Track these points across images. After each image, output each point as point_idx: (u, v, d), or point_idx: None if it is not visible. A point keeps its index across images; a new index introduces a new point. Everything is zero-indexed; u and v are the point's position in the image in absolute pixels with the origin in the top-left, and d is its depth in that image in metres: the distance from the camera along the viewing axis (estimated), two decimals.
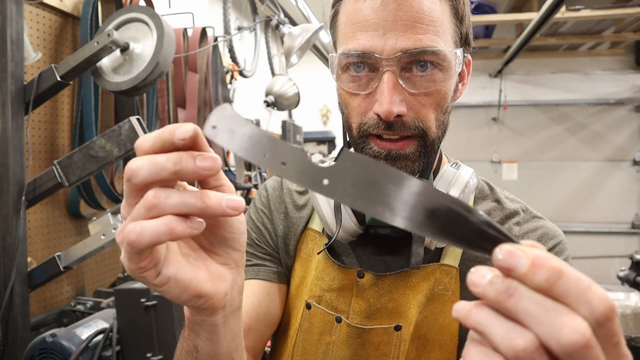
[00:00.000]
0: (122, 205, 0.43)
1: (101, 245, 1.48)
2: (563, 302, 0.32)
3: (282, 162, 0.39)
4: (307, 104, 4.93)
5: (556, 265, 0.32)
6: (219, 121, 0.41)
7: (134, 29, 1.58)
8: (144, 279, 0.43)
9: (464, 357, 0.35)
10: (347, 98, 0.72)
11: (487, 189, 0.84)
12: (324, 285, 0.80)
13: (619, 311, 2.37)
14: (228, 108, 0.42)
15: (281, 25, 2.46)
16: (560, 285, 0.31)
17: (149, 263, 0.42)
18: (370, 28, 0.66)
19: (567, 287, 0.31)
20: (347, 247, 0.82)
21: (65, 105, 1.82)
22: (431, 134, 0.70)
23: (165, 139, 0.41)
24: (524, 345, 0.31)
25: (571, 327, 0.30)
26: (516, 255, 0.32)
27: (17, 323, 1.38)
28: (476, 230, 0.33)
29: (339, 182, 0.37)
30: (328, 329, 0.79)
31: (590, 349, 0.31)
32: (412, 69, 0.67)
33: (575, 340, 0.30)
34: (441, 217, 0.34)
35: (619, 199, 5.31)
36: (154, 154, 0.41)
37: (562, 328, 0.30)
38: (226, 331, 0.53)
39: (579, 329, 0.30)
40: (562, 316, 0.31)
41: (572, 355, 0.31)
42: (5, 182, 1.39)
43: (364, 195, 0.36)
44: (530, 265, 0.31)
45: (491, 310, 0.33)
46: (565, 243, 0.79)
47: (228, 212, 0.41)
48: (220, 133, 0.41)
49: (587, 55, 5.32)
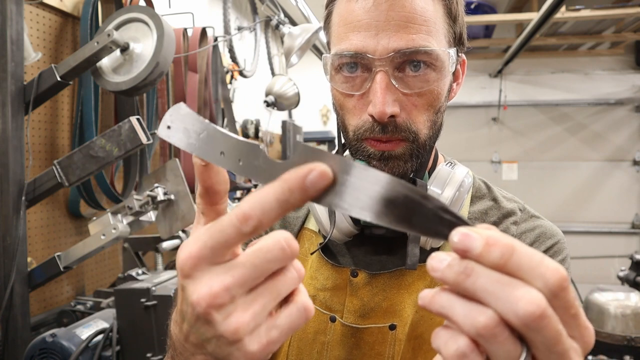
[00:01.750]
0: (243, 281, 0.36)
1: (101, 245, 1.48)
2: (518, 276, 0.33)
3: (238, 160, 0.38)
4: (307, 104, 4.92)
5: (509, 242, 0.33)
6: (174, 121, 0.40)
7: (134, 29, 1.58)
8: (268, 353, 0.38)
9: (432, 341, 0.36)
10: (342, 99, 0.72)
11: (485, 188, 0.84)
12: (317, 284, 0.80)
13: (618, 311, 2.37)
14: (183, 107, 0.40)
15: (281, 25, 2.46)
16: (514, 261, 0.33)
17: None
18: (363, 28, 0.66)
19: (520, 262, 0.33)
20: (343, 247, 0.82)
21: (65, 105, 1.82)
22: (422, 135, 0.70)
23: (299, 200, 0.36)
24: (484, 322, 0.32)
25: (527, 299, 0.32)
26: (470, 237, 0.33)
27: (17, 323, 1.38)
28: (433, 215, 0.34)
29: None
30: (322, 328, 0.79)
31: (547, 319, 0.32)
32: (405, 69, 0.67)
33: (531, 311, 0.31)
34: (399, 205, 0.34)
35: (619, 199, 5.31)
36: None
37: (518, 301, 0.32)
38: None
39: (534, 300, 0.32)
40: (517, 290, 0.32)
41: (530, 326, 0.32)
42: (5, 182, 1.39)
43: None
44: (484, 245, 0.33)
45: (452, 294, 0.35)
46: (564, 242, 0.79)
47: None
48: (175, 133, 0.40)
49: (587, 55, 5.32)
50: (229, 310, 0.35)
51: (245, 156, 0.38)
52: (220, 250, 0.36)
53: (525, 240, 0.77)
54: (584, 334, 0.35)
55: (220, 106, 2.47)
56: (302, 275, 0.38)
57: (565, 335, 0.33)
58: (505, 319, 0.32)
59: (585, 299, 2.56)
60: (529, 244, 0.77)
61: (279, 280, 0.37)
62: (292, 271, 0.38)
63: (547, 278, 0.32)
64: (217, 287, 0.34)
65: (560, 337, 0.33)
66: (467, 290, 0.33)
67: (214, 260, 0.36)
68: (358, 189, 0.34)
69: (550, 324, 0.32)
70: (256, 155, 0.38)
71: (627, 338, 2.30)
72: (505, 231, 0.78)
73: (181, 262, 0.36)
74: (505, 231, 0.78)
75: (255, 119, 3.74)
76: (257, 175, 0.38)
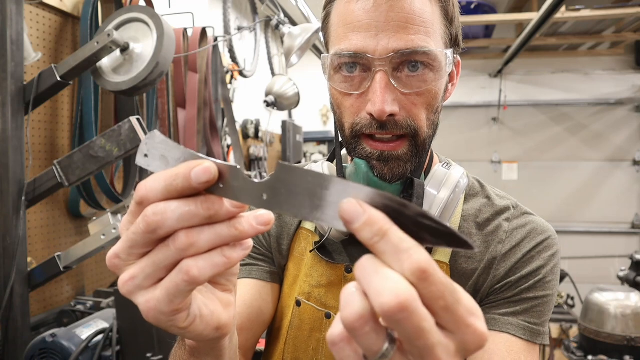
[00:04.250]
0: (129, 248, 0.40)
1: (101, 245, 1.48)
2: (385, 261, 0.33)
3: (219, 183, 0.39)
4: (307, 104, 4.92)
5: (385, 226, 0.33)
6: (150, 149, 0.41)
7: (134, 29, 1.58)
8: (173, 324, 0.41)
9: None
10: (340, 98, 0.73)
11: (478, 186, 0.85)
12: (312, 281, 0.81)
13: (618, 311, 2.37)
14: (157, 135, 0.41)
15: (281, 25, 2.46)
16: (382, 244, 0.33)
17: (186, 303, 0.41)
18: (363, 29, 0.67)
19: (386, 246, 0.33)
20: (339, 246, 0.83)
21: (65, 105, 1.82)
22: (422, 133, 0.71)
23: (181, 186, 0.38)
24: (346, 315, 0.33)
25: (387, 290, 0.31)
26: (357, 211, 0.34)
27: (17, 323, 1.38)
28: (413, 222, 0.34)
29: (277, 195, 0.38)
30: (318, 325, 0.80)
31: (406, 312, 0.31)
32: (404, 69, 0.68)
33: (388, 303, 0.31)
34: None
35: (619, 199, 5.31)
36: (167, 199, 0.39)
37: (381, 291, 0.31)
38: (230, 349, 0.53)
39: (393, 291, 0.31)
40: (381, 279, 0.32)
41: (389, 318, 0.31)
42: (5, 182, 1.39)
43: (304, 204, 0.37)
44: (363, 222, 0.33)
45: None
46: (555, 239, 0.80)
47: (261, 230, 0.40)
48: (153, 161, 0.41)
49: (587, 55, 5.32)
50: (120, 270, 0.41)
51: (226, 178, 0.39)
52: (130, 222, 0.41)
53: (517, 236, 0.78)
54: (464, 332, 0.33)
55: (220, 106, 2.47)
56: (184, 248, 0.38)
57: (431, 330, 0.32)
58: (373, 309, 0.32)
59: (585, 299, 2.56)
60: (520, 240, 0.78)
61: (160, 250, 0.39)
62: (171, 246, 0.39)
63: (406, 266, 0.32)
64: (111, 252, 0.41)
65: (422, 331, 0.31)
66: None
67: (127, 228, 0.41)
68: (338, 203, 0.35)
69: (409, 317, 0.31)
70: (236, 177, 0.39)
71: (627, 338, 2.30)
72: (498, 227, 0.79)
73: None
74: (498, 227, 0.79)
75: (255, 119, 3.74)
76: (238, 195, 0.39)
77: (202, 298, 0.44)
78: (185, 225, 0.38)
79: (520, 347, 0.73)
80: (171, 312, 0.40)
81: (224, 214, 0.39)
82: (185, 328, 0.42)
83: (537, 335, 0.75)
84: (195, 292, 0.43)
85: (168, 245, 0.39)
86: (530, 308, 0.75)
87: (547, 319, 0.77)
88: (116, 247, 0.41)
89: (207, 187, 0.38)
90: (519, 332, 0.74)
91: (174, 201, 0.38)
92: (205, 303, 0.44)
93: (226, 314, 0.46)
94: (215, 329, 0.44)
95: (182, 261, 0.39)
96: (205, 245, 0.38)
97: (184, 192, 0.38)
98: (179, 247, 0.38)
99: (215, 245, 0.39)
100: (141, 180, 1.87)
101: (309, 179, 0.37)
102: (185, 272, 0.38)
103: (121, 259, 0.40)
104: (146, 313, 0.40)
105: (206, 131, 2.37)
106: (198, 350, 0.51)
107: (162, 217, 0.38)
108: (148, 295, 0.40)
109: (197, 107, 2.28)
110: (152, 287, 0.40)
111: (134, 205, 0.40)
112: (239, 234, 0.39)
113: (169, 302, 0.39)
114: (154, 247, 0.39)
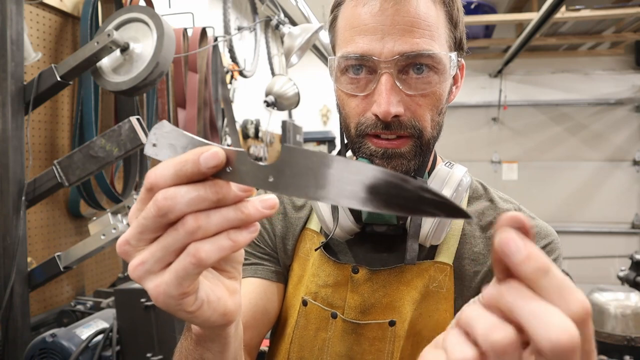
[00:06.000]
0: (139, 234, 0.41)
1: (101, 245, 1.48)
2: (545, 297, 0.32)
3: (227, 167, 0.40)
4: (307, 104, 4.92)
5: (546, 261, 0.33)
6: (158, 138, 0.42)
7: (134, 29, 1.58)
8: (181, 307, 0.42)
9: (444, 339, 0.37)
10: (346, 99, 0.74)
11: (481, 189, 0.86)
12: (319, 281, 0.81)
13: (618, 311, 2.37)
14: (166, 125, 0.42)
15: (281, 25, 2.46)
16: (546, 281, 0.32)
17: (193, 287, 0.41)
18: (369, 32, 0.69)
19: (551, 283, 0.32)
20: (344, 246, 0.84)
21: (65, 105, 1.82)
22: (427, 133, 0.72)
23: (190, 171, 0.39)
24: (501, 338, 0.32)
25: (562, 327, 0.31)
26: (517, 245, 0.33)
27: (17, 323, 1.38)
28: (415, 196, 0.36)
29: (282, 177, 0.39)
30: (324, 325, 0.80)
31: (575, 352, 0.31)
32: (409, 71, 0.70)
33: (564, 341, 0.30)
34: (381, 190, 0.36)
35: (619, 199, 5.31)
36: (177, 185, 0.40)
37: (553, 326, 0.31)
38: (236, 339, 0.54)
39: (568, 330, 0.31)
40: (553, 314, 0.31)
41: (558, 355, 0.31)
42: (5, 182, 1.39)
43: (308, 184, 0.38)
44: (525, 256, 0.33)
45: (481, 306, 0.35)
46: (558, 242, 0.81)
47: (267, 213, 0.41)
48: (161, 149, 0.42)
49: (587, 55, 5.32)
50: (131, 256, 0.42)
51: (233, 163, 0.40)
52: (139, 210, 0.42)
53: None
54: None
55: (220, 106, 2.47)
56: (193, 231, 0.39)
57: None
58: (533, 340, 0.32)
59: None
60: None
61: (169, 234, 0.40)
62: (180, 230, 0.39)
63: (574, 308, 0.32)
64: (121, 239, 0.42)
65: None
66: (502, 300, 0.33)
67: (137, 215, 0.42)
68: (342, 181, 0.37)
69: (572, 357, 0.31)
70: (243, 161, 0.40)
71: (627, 338, 2.30)
72: None
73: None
74: None
75: (255, 119, 3.74)
76: (245, 179, 0.40)
77: (209, 284, 0.45)
78: (194, 209, 0.39)
79: None
80: (180, 295, 0.41)
81: (231, 197, 0.40)
82: (193, 312, 0.43)
83: None
84: (202, 279, 0.44)
85: (177, 229, 0.40)
86: None
87: None
88: (126, 234, 0.42)
89: (215, 171, 0.39)
90: None
91: (183, 186, 0.39)
92: (212, 289, 0.45)
93: (232, 300, 0.47)
94: (222, 314, 0.45)
95: (190, 244, 0.40)
96: (213, 228, 0.40)
97: (193, 177, 0.39)
98: (188, 230, 0.39)
99: (223, 228, 0.40)
100: (141, 180, 1.87)
101: (313, 159, 0.38)
102: (192, 255, 0.39)
103: (131, 245, 0.41)
104: (155, 297, 0.41)
105: (206, 131, 2.37)
106: (204, 338, 0.52)
107: (173, 201, 0.39)
108: (158, 279, 0.41)
109: (197, 107, 2.28)
110: (161, 272, 0.41)
111: (143, 192, 0.41)
112: (245, 217, 0.40)
113: (178, 284, 0.40)
114: (163, 231, 0.40)
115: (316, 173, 0.38)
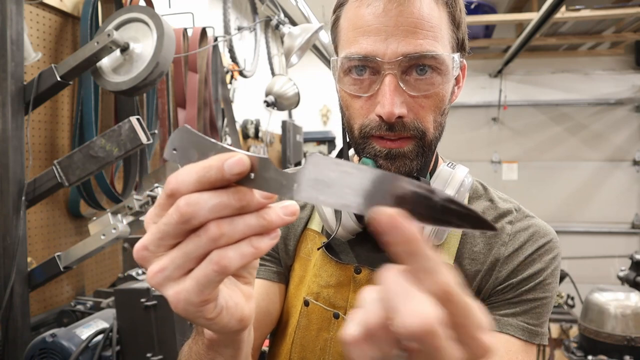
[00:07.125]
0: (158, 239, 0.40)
1: (101, 245, 1.48)
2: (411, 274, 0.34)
3: (250, 173, 0.40)
4: (307, 104, 4.92)
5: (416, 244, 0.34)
6: (179, 143, 0.42)
7: (134, 29, 1.58)
8: (201, 314, 0.41)
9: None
10: (349, 100, 0.74)
11: (481, 189, 0.87)
12: (321, 282, 0.82)
13: (618, 311, 2.37)
14: (187, 129, 0.42)
15: (281, 25, 2.46)
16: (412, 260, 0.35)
17: (214, 294, 0.41)
18: (373, 33, 0.69)
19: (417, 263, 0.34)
20: (346, 246, 0.84)
21: (65, 105, 1.82)
22: (429, 134, 0.73)
23: (214, 177, 0.39)
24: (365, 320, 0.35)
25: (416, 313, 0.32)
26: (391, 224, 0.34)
27: (17, 323, 1.38)
28: (440, 207, 0.37)
29: (309, 185, 0.39)
30: (326, 325, 0.80)
31: (430, 335, 0.32)
32: (412, 72, 0.70)
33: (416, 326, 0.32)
34: (409, 201, 0.37)
35: (619, 199, 5.31)
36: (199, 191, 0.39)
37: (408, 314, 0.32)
38: (248, 342, 0.54)
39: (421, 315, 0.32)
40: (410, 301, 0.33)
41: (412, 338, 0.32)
42: (5, 182, 1.39)
43: (333, 193, 0.39)
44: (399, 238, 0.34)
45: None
46: (556, 242, 0.81)
47: (288, 220, 0.41)
48: (182, 155, 0.41)
49: (587, 55, 5.32)
50: (149, 262, 0.41)
51: (257, 170, 0.40)
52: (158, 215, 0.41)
53: (520, 239, 0.80)
54: (473, 345, 0.35)
55: (220, 106, 2.47)
56: (215, 238, 0.39)
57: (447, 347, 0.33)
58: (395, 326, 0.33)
59: (585, 299, 2.56)
60: (523, 242, 0.79)
61: (191, 240, 0.39)
62: (202, 237, 0.39)
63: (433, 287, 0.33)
64: (139, 245, 0.41)
65: (439, 348, 0.33)
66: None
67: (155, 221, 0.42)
68: (368, 191, 0.38)
69: (432, 338, 0.32)
70: (267, 168, 0.40)
71: (627, 338, 2.30)
72: (501, 230, 0.81)
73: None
74: (501, 230, 0.81)
75: (255, 119, 3.74)
76: (269, 186, 0.40)
77: (227, 290, 0.45)
78: (217, 215, 0.39)
79: (518, 347, 0.74)
80: (200, 303, 0.40)
81: (254, 204, 0.40)
82: (213, 319, 0.42)
83: (535, 335, 0.76)
84: (221, 285, 0.44)
85: (199, 235, 0.39)
86: (530, 309, 0.76)
87: (546, 319, 0.78)
88: (145, 240, 0.41)
89: (239, 178, 0.39)
90: (518, 332, 0.75)
91: (206, 192, 0.39)
92: (230, 295, 0.45)
93: (248, 306, 0.47)
94: (239, 320, 0.45)
95: (212, 252, 0.39)
96: (236, 235, 0.39)
97: (216, 184, 0.39)
98: (211, 237, 0.39)
99: (245, 235, 0.40)
100: (141, 180, 1.87)
101: (338, 169, 0.38)
102: (215, 262, 0.39)
103: (150, 250, 0.41)
104: (175, 304, 0.40)
105: (206, 131, 2.37)
106: (218, 343, 0.52)
107: (195, 207, 0.38)
108: (178, 286, 0.40)
109: (197, 107, 2.28)
110: (182, 278, 0.40)
111: (163, 197, 0.40)
112: (267, 224, 0.40)
113: (199, 292, 0.39)
114: (183, 238, 0.40)
115: (341, 183, 0.38)
